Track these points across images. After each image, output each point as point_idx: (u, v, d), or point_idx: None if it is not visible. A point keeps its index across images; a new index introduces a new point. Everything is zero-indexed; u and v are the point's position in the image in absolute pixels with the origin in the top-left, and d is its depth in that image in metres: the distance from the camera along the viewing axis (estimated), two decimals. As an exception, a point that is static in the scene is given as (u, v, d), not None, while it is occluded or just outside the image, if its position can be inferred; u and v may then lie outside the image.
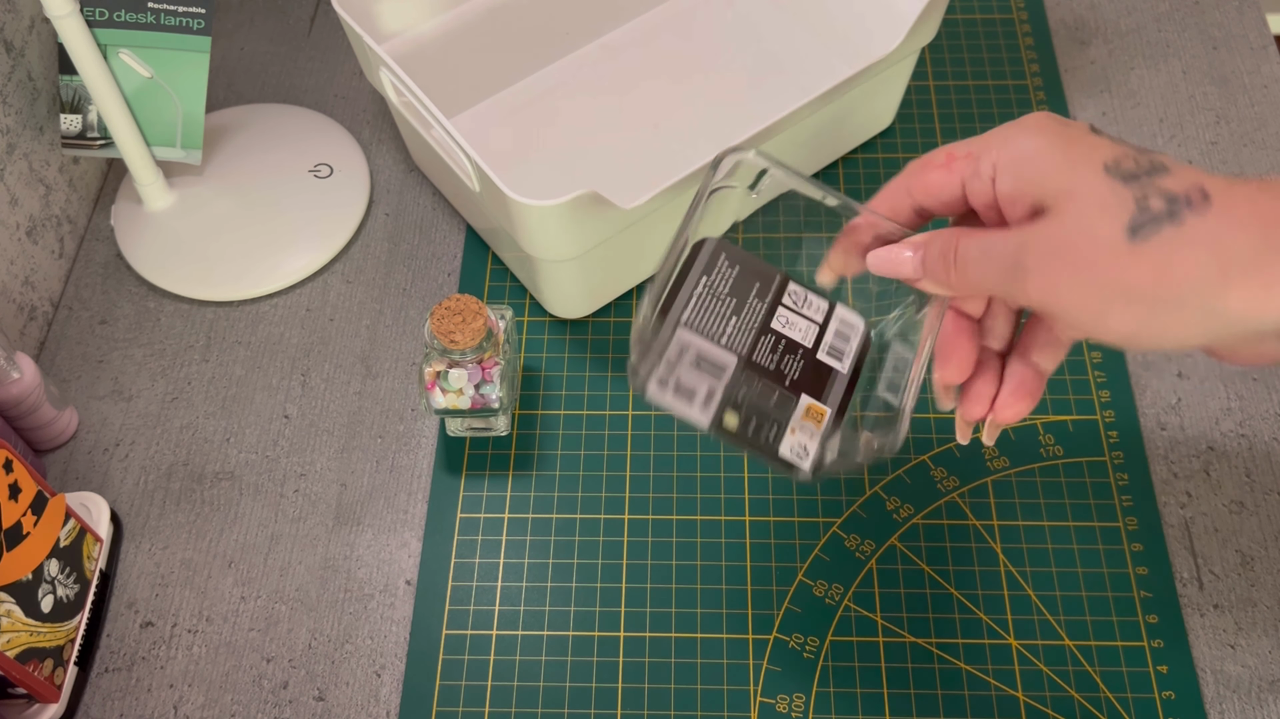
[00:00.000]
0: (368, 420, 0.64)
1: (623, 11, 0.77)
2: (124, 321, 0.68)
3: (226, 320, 0.68)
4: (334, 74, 0.79)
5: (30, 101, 0.67)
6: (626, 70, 0.76)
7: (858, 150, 0.73)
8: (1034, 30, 0.79)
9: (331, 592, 0.58)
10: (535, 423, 0.63)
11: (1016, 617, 0.56)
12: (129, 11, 0.62)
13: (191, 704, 0.55)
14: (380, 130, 0.76)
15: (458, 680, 0.55)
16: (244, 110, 0.76)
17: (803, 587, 0.57)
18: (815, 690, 0.54)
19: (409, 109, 0.63)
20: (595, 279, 0.63)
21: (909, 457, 0.61)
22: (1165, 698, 0.54)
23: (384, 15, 0.67)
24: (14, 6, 0.66)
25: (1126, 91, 0.76)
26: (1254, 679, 0.54)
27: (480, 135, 0.73)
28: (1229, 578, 0.57)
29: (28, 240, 0.67)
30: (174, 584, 0.59)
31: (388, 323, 0.67)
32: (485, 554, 0.59)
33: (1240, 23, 0.79)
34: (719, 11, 0.78)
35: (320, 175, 0.72)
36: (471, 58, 0.72)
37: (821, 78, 0.75)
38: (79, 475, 0.62)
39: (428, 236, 0.71)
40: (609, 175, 0.70)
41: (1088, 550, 0.58)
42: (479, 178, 0.57)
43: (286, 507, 0.61)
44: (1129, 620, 0.56)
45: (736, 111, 0.73)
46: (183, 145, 0.68)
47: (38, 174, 0.68)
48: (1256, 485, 0.60)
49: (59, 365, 0.66)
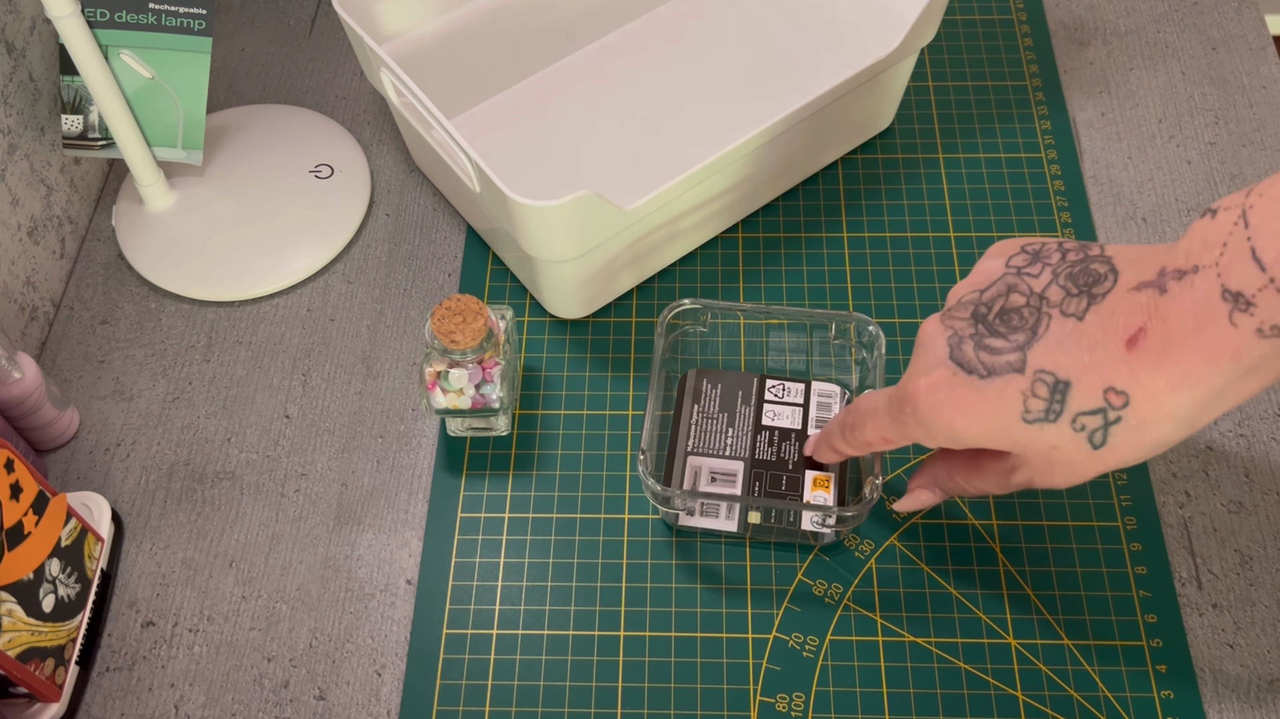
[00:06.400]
0: (368, 420, 0.64)
1: (623, 12, 0.77)
2: (125, 322, 0.68)
3: (227, 320, 0.68)
4: (335, 75, 0.79)
5: (31, 102, 0.67)
6: (627, 71, 0.76)
7: (857, 151, 0.73)
8: (1033, 31, 0.79)
9: (332, 591, 0.58)
10: (535, 423, 0.63)
11: (1015, 616, 0.56)
12: (130, 12, 0.62)
13: (192, 703, 0.55)
14: (381, 131, 0.76)
15: (458, 680, 0.55)
16: (245, 111, 0.76)
17: (802, 586, 0.57)
18: (815, 690, 0.55)
19: (409, 110, 0.63)
20: (595, 279, 0.63)
21: (908, 456, 0.61)
22: (1164, 697, 0.54)
23: (385, 16, 0.67)
24: (15, 7, 0.66)
25: (1125, 92, 0.76)
26: (1253, 679, 0.54)
27: (480, 136, 0.73)
28: (1228, 578, 0.57)
29: (29, 241, 0.67)
30: (175, 584, 0.59)
31: (388, 323, 0.67)
32: (485, 554, 0.59)
33: (1239, 24, 0.79)
34: (719, 12, 0.79)
35: (321, 176, 0.72)
36: (472, 58, 0.72)
37: (821, 78, 0.75)
38: (80, 475, 0.62)
39: (428, 237, 0.71)
40: (609, 176, 0.70)
41: (1087, 550, 0.58)
42: (479, 178, 0.57)
43: (287, 506, 0.61)
44: (1128, 620, 0.56)
45: (736, 112, 0.73)
46: (184, 146, 0.68)
47: (39, 174, 0.68)
48: (1255, 485, 0.60)
49: (60, 365, 0.66)
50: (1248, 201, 0.35)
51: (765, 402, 0.59)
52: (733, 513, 0.56)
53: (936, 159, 0.73)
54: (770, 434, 0.58)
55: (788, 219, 0.71)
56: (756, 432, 0.58)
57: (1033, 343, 0.40)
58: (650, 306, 0.67)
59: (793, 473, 0.56)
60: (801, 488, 0.56)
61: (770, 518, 0.55)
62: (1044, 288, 0.41)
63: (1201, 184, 0.71)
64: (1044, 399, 0.40)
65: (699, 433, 0.58)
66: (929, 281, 0.67)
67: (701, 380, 0.60)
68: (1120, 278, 0.39)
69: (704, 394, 0.59)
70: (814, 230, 0.70)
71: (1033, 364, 0.40)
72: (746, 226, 0.70)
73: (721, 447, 0.58)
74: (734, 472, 0.57)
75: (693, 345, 0.61)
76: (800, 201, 0.71)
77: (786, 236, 0.70)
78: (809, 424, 0.58)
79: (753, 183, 0.66)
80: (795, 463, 0.57)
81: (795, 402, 0.59)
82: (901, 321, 0.66)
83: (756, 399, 0.59)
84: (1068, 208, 0.70)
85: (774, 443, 0.57)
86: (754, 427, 0.58)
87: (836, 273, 0.68)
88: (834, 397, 0.60)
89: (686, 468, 0.57)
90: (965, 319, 0.43)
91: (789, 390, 0.59)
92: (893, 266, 0.68)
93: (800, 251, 0.69)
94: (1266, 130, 0.73)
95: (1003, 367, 0.41)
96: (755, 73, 0.75)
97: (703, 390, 0.60)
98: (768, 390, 0.59)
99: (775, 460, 0.57)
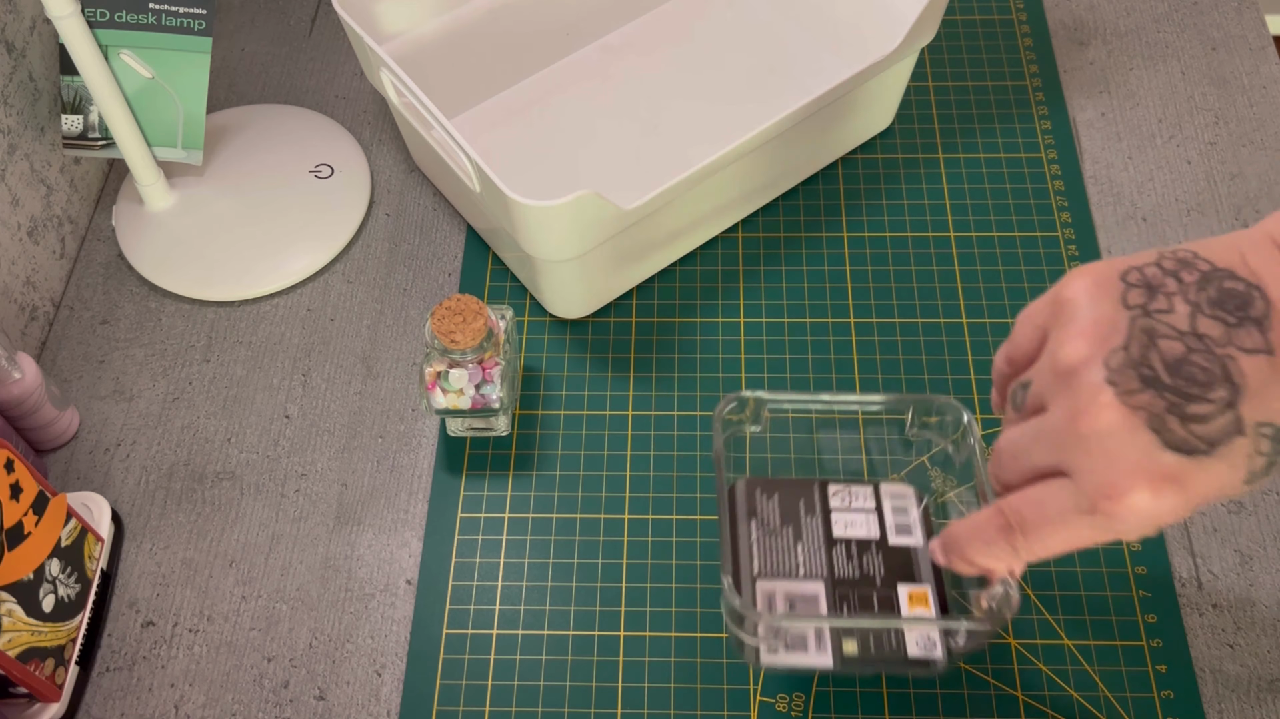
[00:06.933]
0: (368, 420, 0.64)
1: (623, 12, 0.77)
2: (125, 322, 0.68)
3: (227, 320, 0.68)
4: (335, 75, 0.79)
5: (31, 102, 0.67)
6: (627, 71, 0.76)
7: (857, 151, 0.73)
8: (1033, 31, 0.79)
9: (332, 591, 0.58)
10: (535, 423, 0.63)
11: (1015, 616, 0.56)
12: (130, 12, 0.62)
13: (192, 703, 0.55)
14: (381, 131, 0.76)
15: (458, 680, 0.55)
16: (245, 111, 0.76)
17: (802, 586, 0.57)
18: (815, 690, 0.55)
19: (410, 110, 0.63)
20: (595, 279, 0.63)
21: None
22: (1164, 697, 0.54)
23: (385, 16, 0.67)
24: (15, 7, 0.66)
25: (1125, 92, 0.76)
26: (1252, 678, 0.54)
27: (481, 136, 0.73)
28: (1228, 577, 0.57)
29: (29, 241, 0.67)
30: (175, 584, 0.59)
31: (388, 323, 0.67)
32: (485, 554, 0.59)
33: (1239, 23, 0.79)
34: (719, 12, 0.79)
35: (321, 176, 0.72)
36: (472, 58, 0.72)
37: (821, 78, 0.75)
38: (80, 475, 0.62)
39: (428, 237, 0.71)
40: (609, 175, 0.71)
41: (1086, 550, 0.58)
42: (479, 178, 0.57)
43: (287, 506, 0.61)
44: (1128, 620, 0.56)
45: (736, 112, 0.73)
46: (184, 146, 0.68)
47: (39, 174, 0.68)
48: (1255, 485, 0.60)
49: (60, 365, 0.66)
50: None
51: (832, 510, 0.51)
52: (823, 642, 0.48)
53: (936, 159, 0.73)
54: (846, 546, 0.50)
55: (788, 219, 0.71)
56: (830, 545, 0.50)
57: (1240, 395, 0.35)
58: (650, 307, 0.67)
59: (883, 590, 0.49)
60: (896, 605, 0.48)
61: (870, 644, 0.48)
62: (1189, 324, 0.35)
63: (1201, 184, 0.71)
64: (1267, 454, 0.35)
65: (764, 553, 0.50)
66: (929, 282, 0.67)
67: (755, 490, 0.52)
68: (1270, 290, 0.35)
69: (760, 506, 0.51)
70: (814, 230, 0.70)
71: (1250, 418, 0.34)
72: (746, 226, 0.70)
73: (793, 566, 0.49)
74: (814, 594, 0.48)
75: (735, 442, 0.54)
76: (800, 201, 0.71)
77: (786, 237, 0.70)
78: (888, 532, 0.51)
79: (753, 183, 0.66)
80: (884, 577, 0.49)
81: (866, 506, 0.51)
82: (902, 321, 0.66)
83: (822, 506, 0.51)
84: (1068, 208, 0.70)
85: (852, 556, 0.50)
86: (826, 540, 0.50)
87: (836, 273, 0.68)
88: (909, 499, 0.52)
89: (758, 594, 0.49)
90: (1142, 390, 0.35)
91: (857, 495, 0.52)
92: (893, 267, 0.68)
93: (800, 252, 0.69)
94: (1266, 130, 0.73)
95: (1222, 433, 0.35)
96: (755, 73, 0.75)
97: (758, 502, 0.51)
98: (832, 496, 0.52)
99: (859, 578, 0.49)
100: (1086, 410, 0.36)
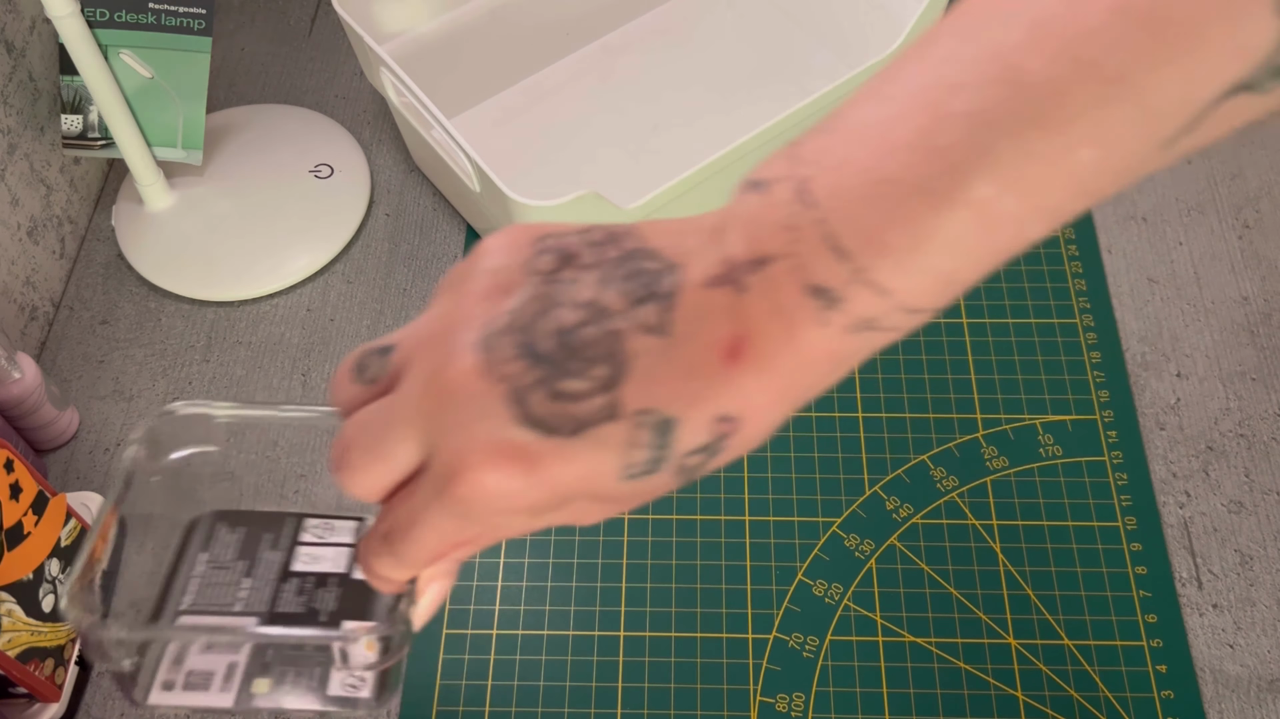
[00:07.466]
0: (368, 420, 0.64)
1: (623, 13, 0.77)
2: (125, 322, 0.68)
3: (227, 320, 0.68)
4: (334, 74, 0.79)
5: (31, 102, 0.67)
6: (627, 71, 0.76)
7: (857, 151, 0.73)
8: (1033, 31, 0.79)
9: (332, 591, 0.58)
10: (535, 423, 0.63)
11: (1015, 616, 0.56)
12: (130, 12, 0.62)
13: (192, 703, 0.55)
14: (381, 130, 0.76)
15: (458, 680, 0.55)
16: (245, 111, 0.76)
17: (802, 586, 0.57)
18: (815, 690, 0.54)
19: (409, 109, 0.63)
20: (595, 279, 0.63)
21: (908, 457, 0.61)
22: (1164, 697, 0.54)
23: (385, 16, 0.67)
24: (15, 7, 0.66)
25: (1126, 92, 0.76)
26: (1253, 679, 0.54)
27: (481, 136, 0.73)
28: (1228, 578, 0.57)
29: (29, 240, 0.67)
30: (175, 584, 0.59)
31: (388, 323, 0.67)
32: (485, 554, 0.59)
33: (1239, 23, 0.79)
34: (719, 12, 0.79)
35: (321, 175, 0.72)
36: (472, 58, 0.72)
37: (821, 78, 0.75)
38: (80, 475, 0.62)
39: (428, 237, 0.71)
40: (609, 175, 0.70)
41: (1086, 550, 0.58)
42: (479, 178, 0.57)
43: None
44: (1128, 620, 0.56)
45: (736, 112, 0.73)
46: (183, 146, 0.68)
47: (39, 174, 0.68)
48: (1255, 485, 0.60)
49: (60, 365, 0.66)
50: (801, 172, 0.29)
51: (300, 544, 0.46)
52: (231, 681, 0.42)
53: (936, 159, 0.73)
54: (300, 582, 0.44)
55: (788, 219, 0.70)
56: (282, 580, 0.44)
57: (622, 375, 0.30)
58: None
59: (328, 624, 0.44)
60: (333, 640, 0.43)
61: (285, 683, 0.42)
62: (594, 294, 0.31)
63: (1201, 184, 0.71)
64: (647, 447, 0.30)
65: (203, 588, 0.45)
66: (929, 281, 0.67)
67: (219, 524, 0.47)
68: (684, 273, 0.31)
69: (219, 541, 0.47)
70: (814, 230, 0.70)
71: (630, 404, 0.30)
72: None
73: (230, 602, 0.44)
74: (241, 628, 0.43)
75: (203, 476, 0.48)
76: (800, 201, 0.71)
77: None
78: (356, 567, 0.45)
79: (753, 183, 0.66)
80: (332, 613, 0.44)
81: (342, 540, 0.46)
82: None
83: (290, 541, 0.46)
84: (1068, 208, 0.70)
85: (304, 591, 0.44)
86: (280, 575, 0.45)
87: (836, 273, 0.68)
88: None
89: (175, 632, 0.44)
90: (514, 359, 0.30)
91: (335, 529, 0.46)
92: (893, 266, 0.68)
93: (800, 251, 0.69)
94: (1267, 129, 0.73)
95: (592, 415, 0.30)
96: (755, 73, 0.75)
97: (218, 536, 0.47)
98: (307, 531, 0.46)
99: (304, 613, 0.43)
100: (441, 373, 0.31)
